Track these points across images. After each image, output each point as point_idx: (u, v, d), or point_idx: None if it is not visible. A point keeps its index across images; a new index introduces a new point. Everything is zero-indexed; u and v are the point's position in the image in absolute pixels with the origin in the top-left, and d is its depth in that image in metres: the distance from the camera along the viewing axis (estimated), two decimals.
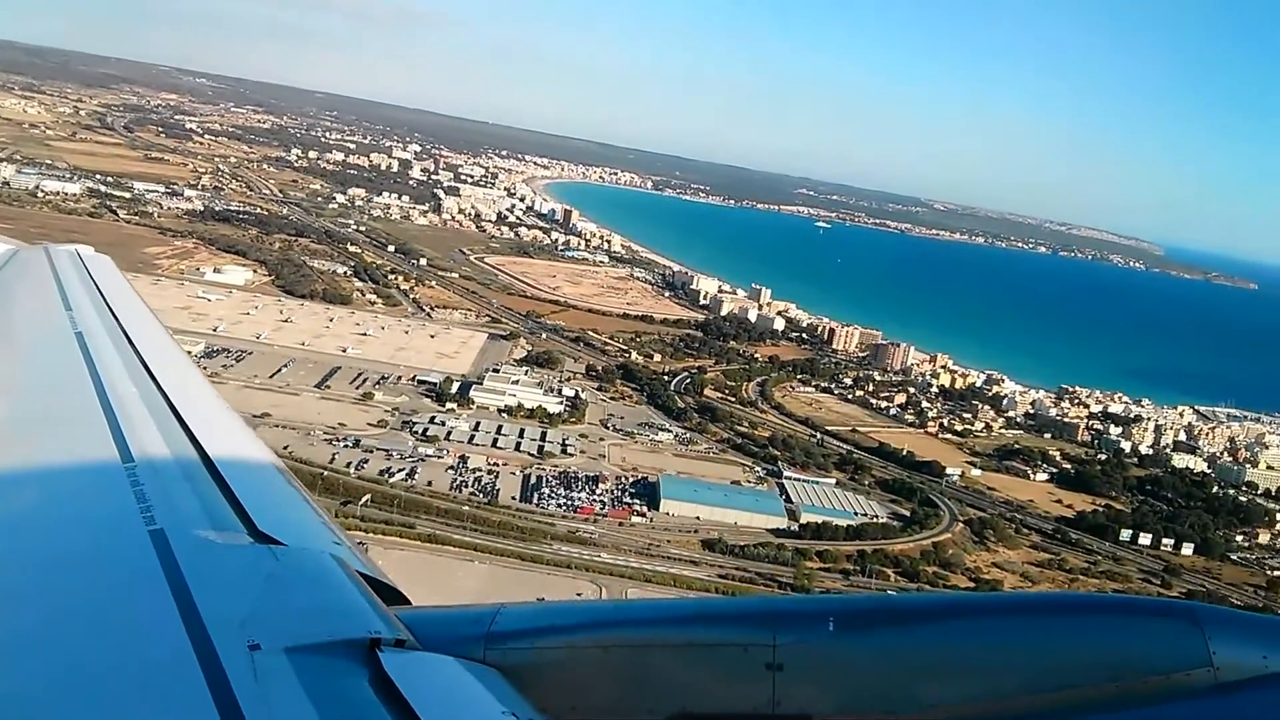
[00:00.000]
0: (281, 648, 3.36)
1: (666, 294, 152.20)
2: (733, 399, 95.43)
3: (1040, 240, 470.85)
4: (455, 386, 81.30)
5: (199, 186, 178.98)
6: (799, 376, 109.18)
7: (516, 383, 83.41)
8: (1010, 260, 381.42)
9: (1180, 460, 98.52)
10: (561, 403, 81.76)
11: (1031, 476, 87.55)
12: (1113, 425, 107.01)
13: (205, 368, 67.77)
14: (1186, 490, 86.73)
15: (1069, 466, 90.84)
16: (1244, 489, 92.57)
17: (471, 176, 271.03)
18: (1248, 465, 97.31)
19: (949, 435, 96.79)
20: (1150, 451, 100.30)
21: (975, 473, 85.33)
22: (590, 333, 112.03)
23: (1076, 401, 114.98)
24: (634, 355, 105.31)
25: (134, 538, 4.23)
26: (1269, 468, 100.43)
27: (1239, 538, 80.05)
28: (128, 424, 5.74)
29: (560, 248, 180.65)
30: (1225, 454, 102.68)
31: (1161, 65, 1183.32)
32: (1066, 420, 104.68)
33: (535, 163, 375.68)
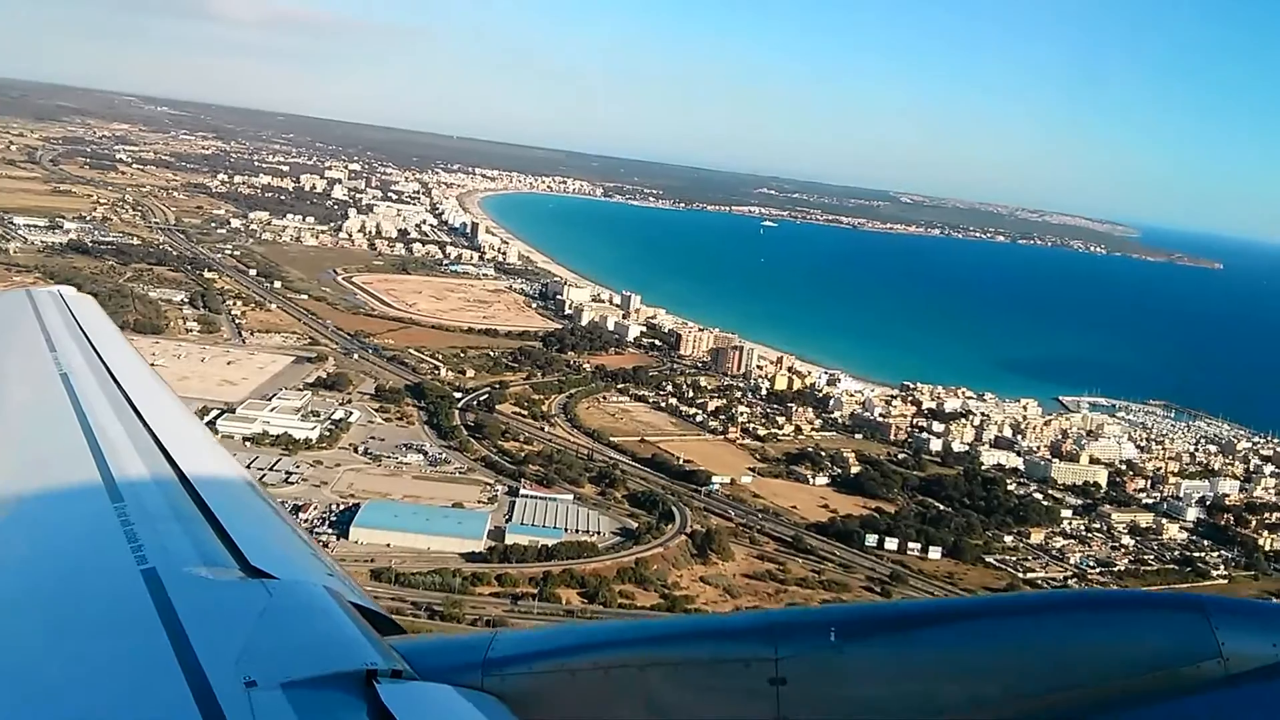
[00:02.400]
0: (278, 683, 3.35)
1: (534, 305, 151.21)
2: (525, 413, 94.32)
3: (1002, 229, 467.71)
4: (209, 416, 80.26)
5: (87, 218, 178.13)
6: (620, 385, 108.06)
7: (273, 409, 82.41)
8: (961, 250, 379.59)
9: (992, 457, 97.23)
10: (316, 427, 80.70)
11: (811, 481, 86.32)
12: (936, 423, 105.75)
13: None
14: (969, 490, 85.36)
15: (858, 469, 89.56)
16: (1045, 485, 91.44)
17: (402, 193, 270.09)
18: (1055, 461, 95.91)
19: (748, 441, 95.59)
20: (965, 449, 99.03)
21: (745, 479, 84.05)
22: (412, 350, 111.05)
23: (910, 399, 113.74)
24: (445, 372, 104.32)
25: (126, 577, 4.22)
26: (1093, 460, 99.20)
27: (1009, 538, 78.85)
28: (116, 463, 5.74)
29: (448, 262, 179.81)
30: (1045, 449, 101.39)
31: (1133, 47, 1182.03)
32: (881, 420, 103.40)
33: (484, 175, 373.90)
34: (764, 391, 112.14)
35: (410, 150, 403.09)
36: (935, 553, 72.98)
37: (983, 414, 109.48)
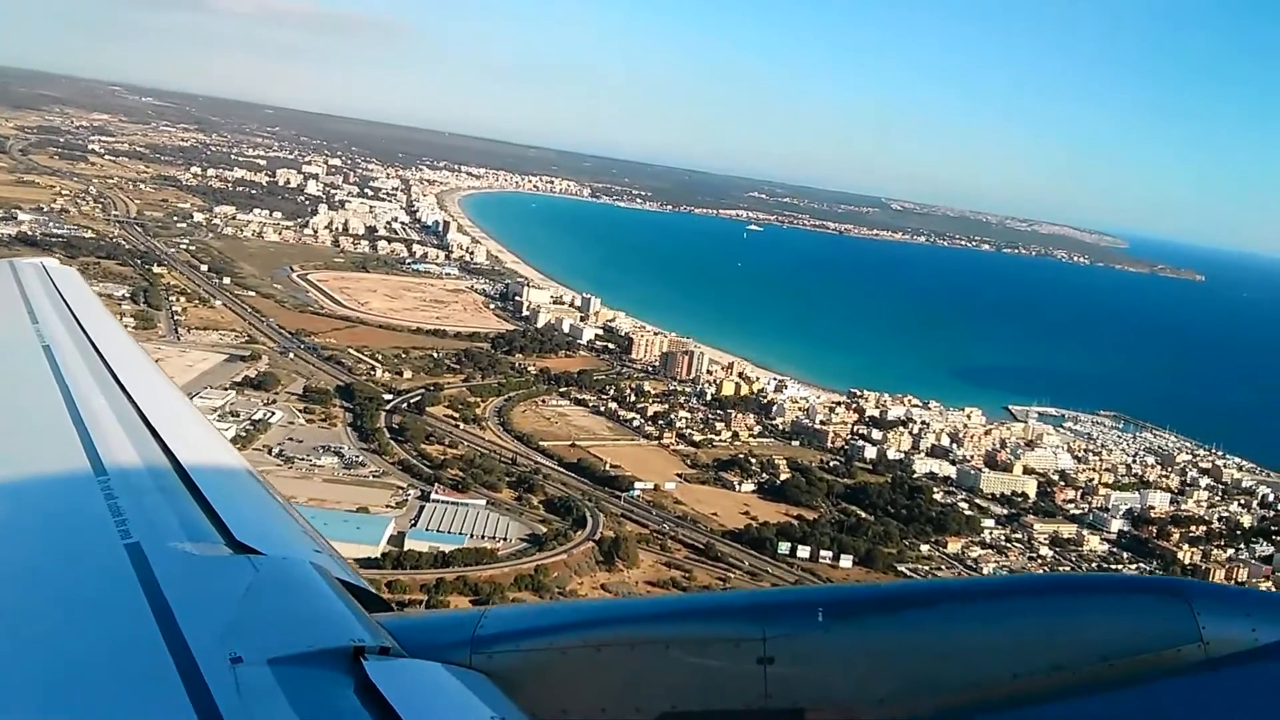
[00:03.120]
0: (264, 659, 3.34)
1: (493, 306, 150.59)
2: (457, 416, 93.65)
3: (988, 238, 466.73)
4: None
5: (45, 209, 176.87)
6: (562, 389, 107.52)
7: None
8: (943, 258, 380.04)
9: (925, 465, 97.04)
10: (232, 427, 79.83)
11: (737, 487, 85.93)
12: (876, 430, 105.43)
13: None
14: (892, 498, 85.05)
15: (787, 476, 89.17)
16: (973, 494, 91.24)
17: (380, 189, 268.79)
18: (985, 470, 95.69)
19: (683, 447, 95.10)
20: (900, 457, 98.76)
21: (669, 485, 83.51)
22: (352, 350, 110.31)
23: (855, 406, 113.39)
24: (381, 373, 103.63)
25: (110, 552, 4.19)
26: (1026, 470, 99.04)
27: (925, 547, 78.55)
28: (99, 437, 5.69)
29: (411, 261, 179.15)
30: (980, 458, 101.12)
31: (1129, 57, 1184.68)
32: (819, 428, 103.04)
33: (469, 173, 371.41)
34: (709, 397, 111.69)
35: (400, 146, 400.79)
36: (847, 561, 72.67)
37: (923, 422, 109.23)
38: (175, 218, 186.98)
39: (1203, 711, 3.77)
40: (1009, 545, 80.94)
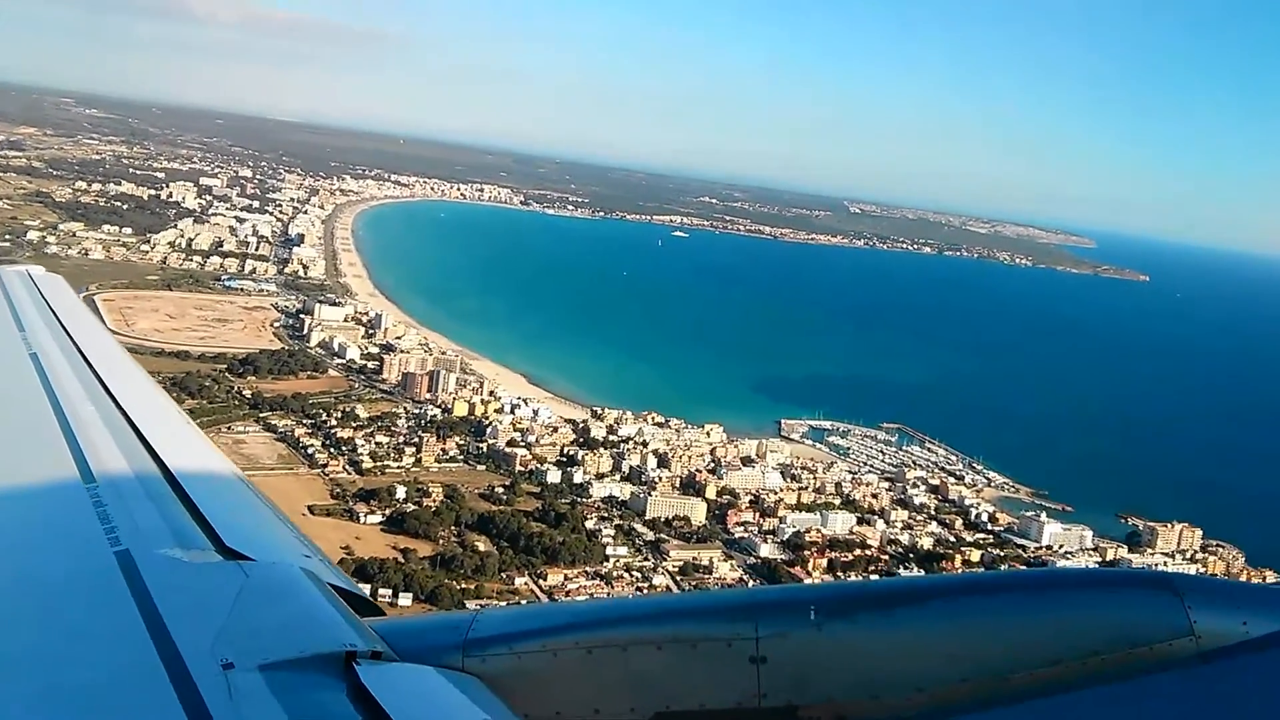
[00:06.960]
0: (255, 665, 3.34)
1: (277, 325, 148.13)
2: None
3: (933, 240, 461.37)
4: None
5: None
6: (264, 414, 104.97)
7: None
8: (868, 262, 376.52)
9: (604, 489, 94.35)
10: None
11: (363, 519, 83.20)
12: (582, 450, 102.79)
13: None
14: (520, 526, 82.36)
15: (434, 504, 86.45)
16: (631, 519, 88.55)
17: (277, 201, 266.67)
18: (653, 495, 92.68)
19: (346, 474, 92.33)
20: (585, 480, 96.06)
21: None
22: None
23: (582, 426, 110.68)
24: None
25: (99, 560, 4.21)
26: (722, 491, 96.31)
27: (522, 580, 75.63)
28: (87, 444, 5.63)
29: (225, 277, 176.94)
30: (674, 479, 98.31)
31: (1103, 52, 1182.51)
32: (506, 450, 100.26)
33: (397, 181, 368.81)
34: (428, 418, 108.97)
35: (339, 155, 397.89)
36: (406, 599, 69.90)
37: (641, 441, 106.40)
38: (7, 235, 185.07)
39: (1195, 704, 3.73)
40: (621, 575, 78.12)
